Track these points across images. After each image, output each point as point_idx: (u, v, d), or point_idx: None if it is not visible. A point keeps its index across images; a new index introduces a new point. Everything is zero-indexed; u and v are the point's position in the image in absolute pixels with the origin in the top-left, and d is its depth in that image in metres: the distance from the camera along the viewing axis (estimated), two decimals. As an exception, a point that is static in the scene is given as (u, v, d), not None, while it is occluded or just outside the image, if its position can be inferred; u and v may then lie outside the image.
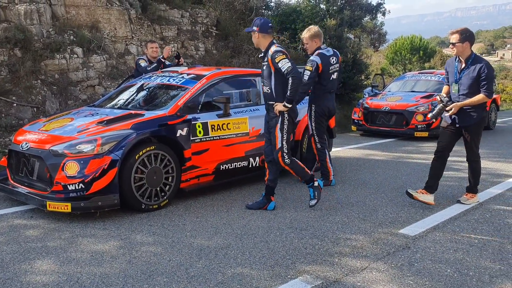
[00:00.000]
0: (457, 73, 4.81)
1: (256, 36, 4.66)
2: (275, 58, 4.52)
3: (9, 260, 3.55)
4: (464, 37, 4.68)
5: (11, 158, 5.09)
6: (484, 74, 4.63)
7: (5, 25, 9.19)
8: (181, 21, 12.05)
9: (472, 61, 4.73)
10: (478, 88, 4.67)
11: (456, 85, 4.80)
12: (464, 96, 4.74)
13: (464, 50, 4.71)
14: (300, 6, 15.20)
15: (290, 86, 4.45)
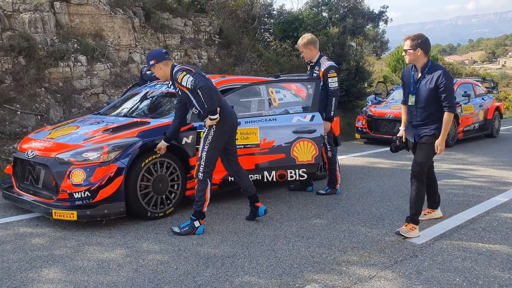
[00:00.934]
0: (413, 83, 4.32)
1: (159, 68, 4.46)
2: (177, 78, 4.36)
3: (15, 268, 3.54)
4: (416, 44, 4.18)
5: (17, 166, 5.10)
6: (442, 84, 4.13)
7: (9, 33, 9.23)
8: (184, 30, 12.11)
9: (428, 69, 4.23)
10: (437, 100, 4.18)
11: (413, 96, 4.31)
12: (422, 109, 4.26)
13: (418, 58, 4.22)
14: (303, 14, 15.26)
15: (203, 98, 4.25)
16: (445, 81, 4.12)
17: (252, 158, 5.27)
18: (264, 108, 5.68)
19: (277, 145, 5.35)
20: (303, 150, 5.45)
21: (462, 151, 9.54)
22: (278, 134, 5.35)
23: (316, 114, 5.58)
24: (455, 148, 9.96)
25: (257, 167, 5.31)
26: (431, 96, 4.19)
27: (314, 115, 5.57)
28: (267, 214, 4.92)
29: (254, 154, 5.28)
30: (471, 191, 5.97)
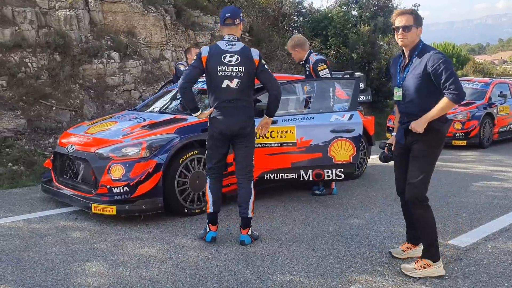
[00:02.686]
0: (399, 72, 3.39)
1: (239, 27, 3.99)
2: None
3: (58, 261, 3.59)
4: (418, 20, 3.26)
5: (56, 160, 5.18)
6: (436, 66, 3.11)
7: (45, 30, 9.41)
8: (214, 27, 12.12)
9: (418, 52, 3.25)
10: (429, 91, 3.21)
11: (399, 89, 3.36)
12: (411, 104, 3.29)
13: (415, 39, 3.26)
14: (332, 13, 15.12)
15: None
16: (438, 61, 3.13)
17: (288, 156, 5.22)
18: (300, 106, 5.63)
19: (314, 144, 5.28)
20: (341, 149, 5.36)
21: (498, 153, 9.29)
22: (315, 133, 5.27)
23: (354, 113, 5.47)
24: (491, 150, 9.70)
25: (293, 166, 5.25)
26: (421, 86, 3.21)
27: (353, 114, 5.46)
28: (304, 213, 4.88)
29: (291, 153, 5.22)
30: (510, 193, 5.80)
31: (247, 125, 3.96)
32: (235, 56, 3.84)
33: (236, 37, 3.92)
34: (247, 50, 3.92)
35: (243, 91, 3.91)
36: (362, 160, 6.60)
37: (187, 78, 3.88)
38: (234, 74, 3.85)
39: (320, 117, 5.42)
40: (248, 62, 3.87)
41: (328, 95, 5.67)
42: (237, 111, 3.92)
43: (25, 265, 3.51)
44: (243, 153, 4.03)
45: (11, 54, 8.84)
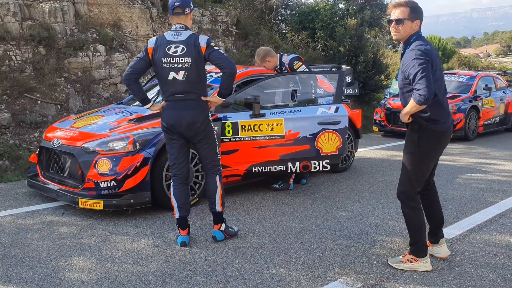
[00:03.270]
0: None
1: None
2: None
3: (45, 256, 3.55)
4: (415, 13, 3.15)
5: (42, 154, 5.12)
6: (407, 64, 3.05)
7: (29, 23, 9.25)
8: (201, 20, 12.05)
9: (409, 47, 3.15)
10: (410, 88, 3.11)
11: (396, 82, 3.56)
12: (400, 97, 3.33)
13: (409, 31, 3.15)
14: (319, 6, 15.11)
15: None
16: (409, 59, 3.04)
17: (277, 149, 5.23)
18: (288, 99, 5.63)
19: (302, 136, 5.31)
20: (328, 141, 5.41)
21: (483, 145, 9.41)
22: (303, 126, 5.30)
23: (340, 105, 5.54)
24: (476, 142, 9.82)
25: (281, 159, 5.26)
26: (403, 82, 3.18)
27: (338, 106, 5.53)
28: (292, 206, 4.89)
29: (279, 146, 5.23)
30: (496, 186, 5.88)
31: (196, 121, 3.67)
32: (180, 46, 3.59)
33: (183, 26, 3.68)
34: (194, 38, 3.63)
35: (192, 83, 3.65)
36: (350, 153, 6.64)
37: (131, 69, 3.70)
38: (180, 66, 3.60)
39: (307, 110, 5.46)
40: (195, 51, 3.59)
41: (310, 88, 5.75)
42: (186, 105, 3.68)
43: (11, 261, 3.47)
44: (203, 151, 3.83)
45: (-6, 47, 8.68)
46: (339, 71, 5.84)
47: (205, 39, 3.66)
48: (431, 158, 3.33)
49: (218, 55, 3.63)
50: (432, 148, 3.28)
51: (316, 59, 13.31)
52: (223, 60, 3.63)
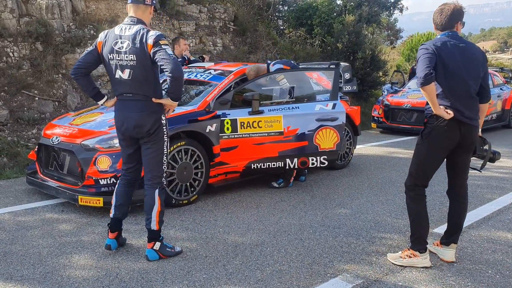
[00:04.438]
0: None
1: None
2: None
3: (46, 254, 3.56)
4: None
5: (41, 152, 5.11)
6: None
7: (27, 19, 9.22)
8: (199, 17, 12.02)
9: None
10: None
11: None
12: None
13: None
14: (317, 2, 15.09)
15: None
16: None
17: (275, 146, 5.26)
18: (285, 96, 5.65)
19: (301, 133, 5.35)
20: (326, 137, 5.46)
21: (480, 142, 9.43)
22: (301, 122, 5.35)
23: (337, 102, 5.63)
24: (473, 139, 9.84)
25: (280, 155, 5.29)
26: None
27: (336, 103, 5.62)
28: (291, 203, 4.91)
29: (278, 142, 5.27)
30: (494, 183, 5.92)
31: (144, 124, 3.36)
32: (126, 42, 3.27)
33: (135, 19, 3.35)
34: (142, 34, 3.26)
35: (139, 83, 3.32)
36: (348, 150, 6.66)
37: (79, 63, 3.44)
38: (125, 64, 3.29)
39: (305, 107, 5.51)
40: (140, 49, 3.24)
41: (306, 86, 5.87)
42: (133, 106, 3.37)
43: (12, 258, 3.47)
44: (146, 157, 3.47)
45: (-8, 43, 8.65)
46: (334, 68, 5.89)
47: (154, 35, 3.25)
48: (433, 152, 3.36)
49: (163, 56, 3.21)
50: (434, 143, 3.32)
51: (314, 56, 13.31)
52: (168, 62, 3.19)
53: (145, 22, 3.41)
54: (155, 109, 3.40)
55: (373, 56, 13.03)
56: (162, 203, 3.51)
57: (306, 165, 5.43)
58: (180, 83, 3.29)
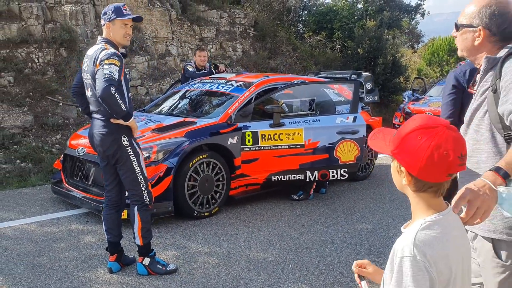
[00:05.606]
0: None
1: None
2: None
3: (72, 267, 3.64)
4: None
5: (66, 162, 5.21)
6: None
7: (51, 25, 9.40)
8: (219, 22, 12.09)
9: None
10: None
11: None
12: None
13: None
14: (337, 6, 15.05)
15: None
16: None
17: (296, 158, 5.29)
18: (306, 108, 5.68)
19: (322, 145, 5.38)
20: (346, 150, 5.48)
21: None
22: (322, 135, 5.37)
23: (358, 115, 5.65)
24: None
25: (301, 168, 5.31)
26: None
27: (356, 116, 5.63)
28: (312, 217, 4.92)
29: (299, 155, 5.29)
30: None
31: (103, 145, 3.36)
32: (86, 62, 3.37)
33: (101, 38, 3.39)
34: (98, 52, 3.26)
35: (98, 102, 3.29)
36: (370, 161, 6.64)
37: (74, 83, 3.63)
38: (87, 82, 3.38)
39: (326, 120, 5.54)
40: (92, 69, 3.27)
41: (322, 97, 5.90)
42: (95, 125, 3.40)
43: (40, 271, 3.56)
44: (121, 177, 3.48)
45: (18, 49, 8.85)
46: (354, 81, 5.90)
47: (104, 54, 3.22)
48: None
49: (98, 75, 3.17)
50: None
51: (334, 61, 13.26)
52: (98, 81, 3.15)
53: (111, 39, 3.37)
54: (112, 130, 3.33)
55: (394, 62, 12.94)
56: (143, 219, 3.49)
57: (327, 178, 5.44)
58: (108, 102, 3.15)
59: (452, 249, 1.29)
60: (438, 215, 1.33)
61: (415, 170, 1.30)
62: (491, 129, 1.76)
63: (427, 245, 1.25)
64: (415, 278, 1.22)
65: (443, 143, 1.26)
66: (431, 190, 1.33)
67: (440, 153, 1.26)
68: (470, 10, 1.87)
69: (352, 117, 5.64)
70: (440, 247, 1.27)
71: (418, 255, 1.23)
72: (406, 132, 1.33)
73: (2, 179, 6.51)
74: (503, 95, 1.68)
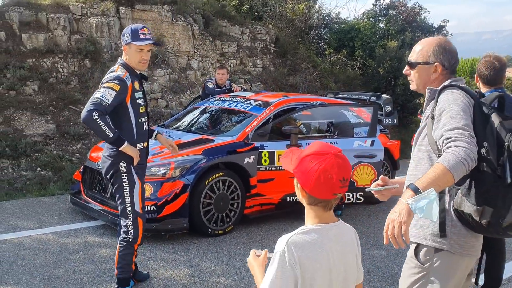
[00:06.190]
0: None
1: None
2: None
3: (87, 281, 3.70)
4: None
5: (86, 173, 5.31)
6: None
7: (77, 36, 9.63)
8: (241, 38, 12.22)
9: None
10: None
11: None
12: None
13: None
14: (359, 24, 15.07)
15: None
16: None
17: (312, 180, 5.28)
18: (324, 130, 5.69)
19: None
20: (363, 174, 5.47)
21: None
22: None
23: (375, 139, 5.65)
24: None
25: None
26: None
27: (374, 140, 5.64)
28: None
29: (315, 177, 5.28)
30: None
31: (104, 166, 3.38)
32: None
33: (120, 59, 3.38)
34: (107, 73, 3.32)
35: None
36: (385, 184, 6.60)
37: None
38: None
39: (344, 142, 5.54)
40: None
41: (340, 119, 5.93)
42: (104, 147, 3.43)
43: (55, 283, 3.63)
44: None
45: (44, 59, 9.08)
46: (374, 104, 5.91)
47: (107, 76, 3.24)
48: None
49: (91, 98, 3.19)
50: None
51: (355, 79, 13.26)
52: (86, 105, 3.17)
53: (127, 62, 3.31)
54: (113, 154, 3.29)
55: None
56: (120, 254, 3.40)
57: (342, 201, 5.44)
58: (90, 127, 3.17)
59: (322, 257, 1.51)
60: (319, 225, 1.56)
61: (307, 188, 1.54)
62: (429, 150, 2.04)
63: (298, 247, 1.48)
64: (280, 270, 1.46)
65: (329, 168, 1.51)
66: (321, 205, 1.56)
67: (325, 176, 1.50)
68: (421, 49, 2.16)
69: (370, 140, 5.65)
70: (310, 251, 1.49)
71: (286, 252, 1.46)
72: (304, 155, 1.57)
73: (22, 186, 6.66)
74: (435, 121, 1.96)
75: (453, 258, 1.99)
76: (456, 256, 1.98)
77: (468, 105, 1.93)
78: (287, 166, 1.65)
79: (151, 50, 3.40)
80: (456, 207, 1.95)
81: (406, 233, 1.75)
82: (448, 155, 1.78)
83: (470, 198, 1.89)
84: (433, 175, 1.77)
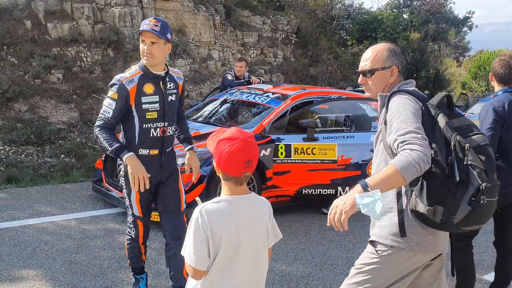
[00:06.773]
0: None
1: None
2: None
3: (106, 266, 3.85)
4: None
5: (107, 162, 5.47)
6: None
7: (100, 26, 9.81)
8: (262, 28, 12.24)
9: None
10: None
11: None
12: None
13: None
14: (382, 15, 14.91)
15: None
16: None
17: (328, 173, 5.36)
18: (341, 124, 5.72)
19: (354, 162, 5.41)
20: None
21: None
22: (356, 152, 5.41)
23: None
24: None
25: (332, 183, 5.39)
26: None
27: None
28: (340, 232, 4.96)
29: (331, 170, 5.35)
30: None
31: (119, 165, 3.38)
32: None
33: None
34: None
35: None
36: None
37: None
38: None
39: (360, 136, 5.56)
40: None
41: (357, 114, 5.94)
42: None
43: (76, 268, 3.79)
44: None
45: (68, 48, 9.29)
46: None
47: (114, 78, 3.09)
48: None
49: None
50: None
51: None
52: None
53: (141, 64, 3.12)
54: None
55: (437, 75, 12.72)
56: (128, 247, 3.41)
57: None
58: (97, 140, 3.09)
59: (229, 223, 1.79)
60: (230, 197, 1.85)
61: (220, 166, 1.81)
62: (385, 154, 2.16)
63: (209, 213, 1.78)
64: (195, 233, 1.78)
65: (236, 151, 1.77)
66: (232, 180, 1.83)
67: (232, 158, 1.77)
68: (374, 56, 2.27)
69: None
70: (219, 217, 1.79)
71: (199, 218, 1.77)
72: (220, 139, 1.82)
73: (46, 173, 6.89)
74: (388, 127, 2.08)
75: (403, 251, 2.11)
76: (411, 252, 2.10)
77: (417, 108, 2.05)
78: (209, 147, 1.88)
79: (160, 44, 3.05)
80: (412, 208, 2.06)
81: (345, 221, 1.95)
82: (401, 157, 1.89)
83: (422, 199, 1.99)
84: (384, 175, 1.90)
